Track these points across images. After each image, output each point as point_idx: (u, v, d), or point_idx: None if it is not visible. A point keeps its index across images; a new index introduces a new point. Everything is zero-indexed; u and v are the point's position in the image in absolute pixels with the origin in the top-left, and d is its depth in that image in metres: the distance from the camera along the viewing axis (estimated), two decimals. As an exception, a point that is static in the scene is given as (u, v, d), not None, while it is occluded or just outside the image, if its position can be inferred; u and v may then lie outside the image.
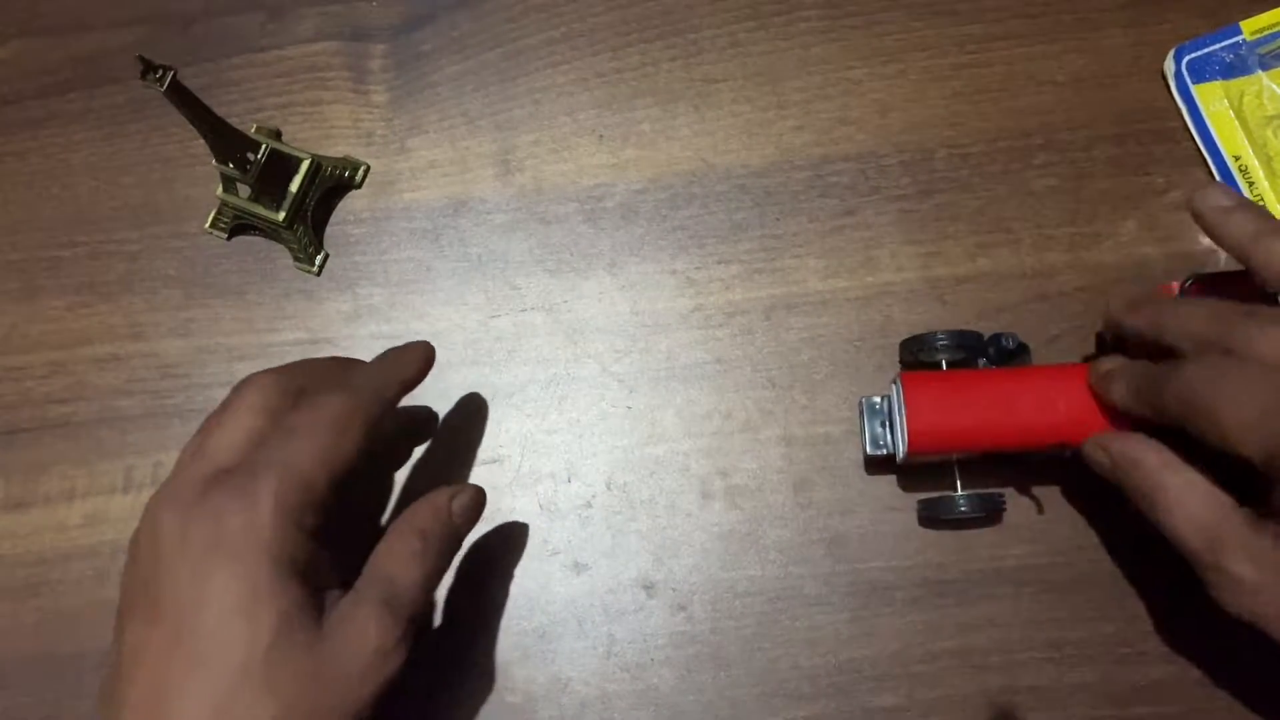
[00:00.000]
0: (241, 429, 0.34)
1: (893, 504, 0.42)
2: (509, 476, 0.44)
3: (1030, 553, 0.41)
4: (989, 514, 0.41)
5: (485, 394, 0.45)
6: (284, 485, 0.32)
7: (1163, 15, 0.47)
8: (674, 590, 0.42)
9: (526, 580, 0.43)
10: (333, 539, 0.34)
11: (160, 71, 0.37)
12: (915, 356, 0.42)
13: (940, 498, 0.41)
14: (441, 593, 0.42)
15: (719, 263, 0.45)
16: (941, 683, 0.41)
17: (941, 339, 0.41)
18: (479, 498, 0.38)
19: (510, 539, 0.43)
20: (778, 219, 0.46)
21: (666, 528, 0.43)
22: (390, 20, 0.49)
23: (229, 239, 0.47)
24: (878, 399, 0.41)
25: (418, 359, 0.39)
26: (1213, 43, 0.45)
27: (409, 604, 0.34)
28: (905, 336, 0.42)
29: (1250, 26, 0.45)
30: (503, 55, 0.48)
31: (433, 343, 0.44)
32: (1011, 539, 0.42)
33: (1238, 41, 0.45)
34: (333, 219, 0.47)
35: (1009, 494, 0.42)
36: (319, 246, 0.47)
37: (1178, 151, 0.45)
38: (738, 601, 0.42)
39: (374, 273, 0.46)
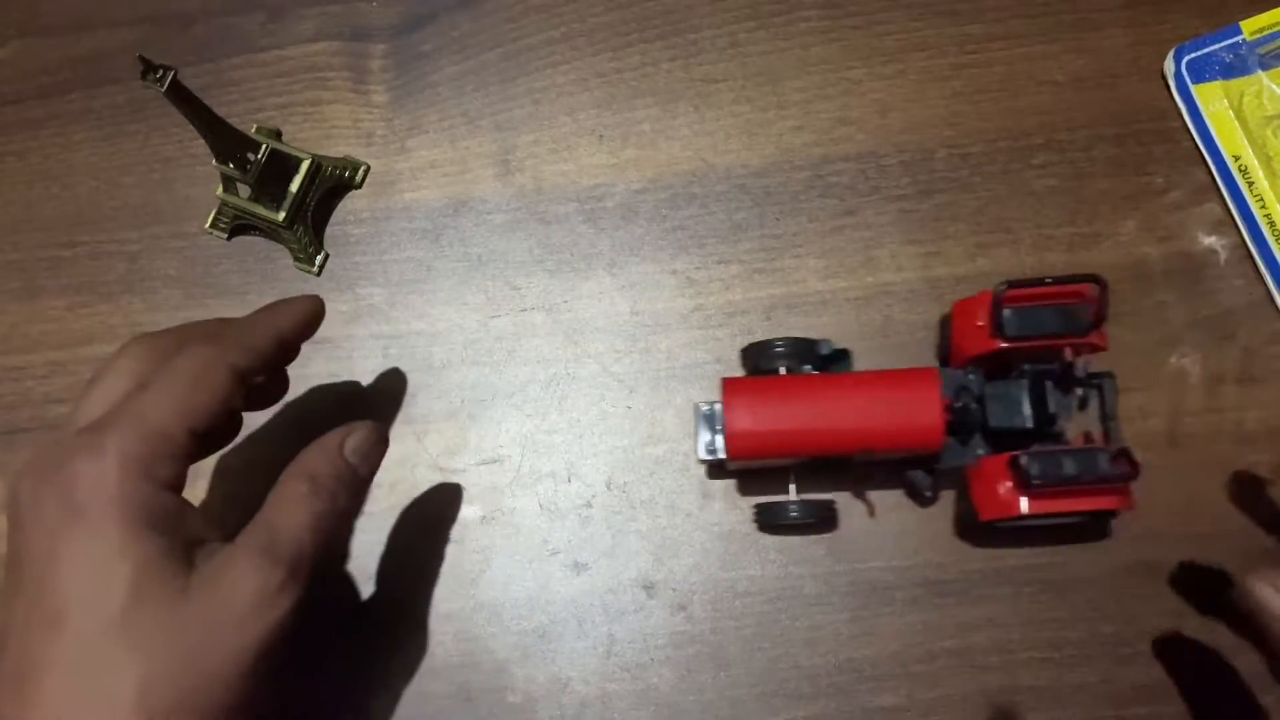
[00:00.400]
0: (104, 391, 0.34)
1: (893, 504, 0.42)
2: (509, 476, 0.44)
3: (1030, 552, 0.41)
4: (822, 520, 0.41)
5: (485, 394, 0.45)
6: (131, 438, 0.31)
7: (1163, 15, 0.47)
8: (674, 590, 0.42)
9: (526, 580, 0.43)
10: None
11: (160, 71, 0.37)
12: (755, 364, 0.42)
13: (773, 503, 0.41)
14: (441, 592, 0.42)
15: (719, 263, 0.45)
16: (941, 683, 0.41)
17: (779, 346, 0.41)
18: (374, 436, 0.36)
19: (510, 539, 0.43)
20: (778, 219, 0.46)
21: (666, 528, 0.43)
22: (390, 20, 0.49)
23: (229, 239, 0.47)
24: (707, 405, 0.41)
25: (296, 311, 0.38)
26: (1213, 43, 0.45)
27: (291, 549, 0.32)
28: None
29: (1250, 26, 0.45)
30: (503, 55, 0.48)
31: (433, 343, 0.45)
32: (1010, 539, 0.42)
33: (1238, 41, 0.45)
34: (333, 219, 0.47)
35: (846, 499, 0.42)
36: (319, 246, 0.47)
37: (1178, 151, 0.45)
38: (738, 601, 0.42)
39: (374, 273, 0.46)
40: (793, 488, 0.41)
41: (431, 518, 0.43)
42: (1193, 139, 0.45)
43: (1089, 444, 0.38)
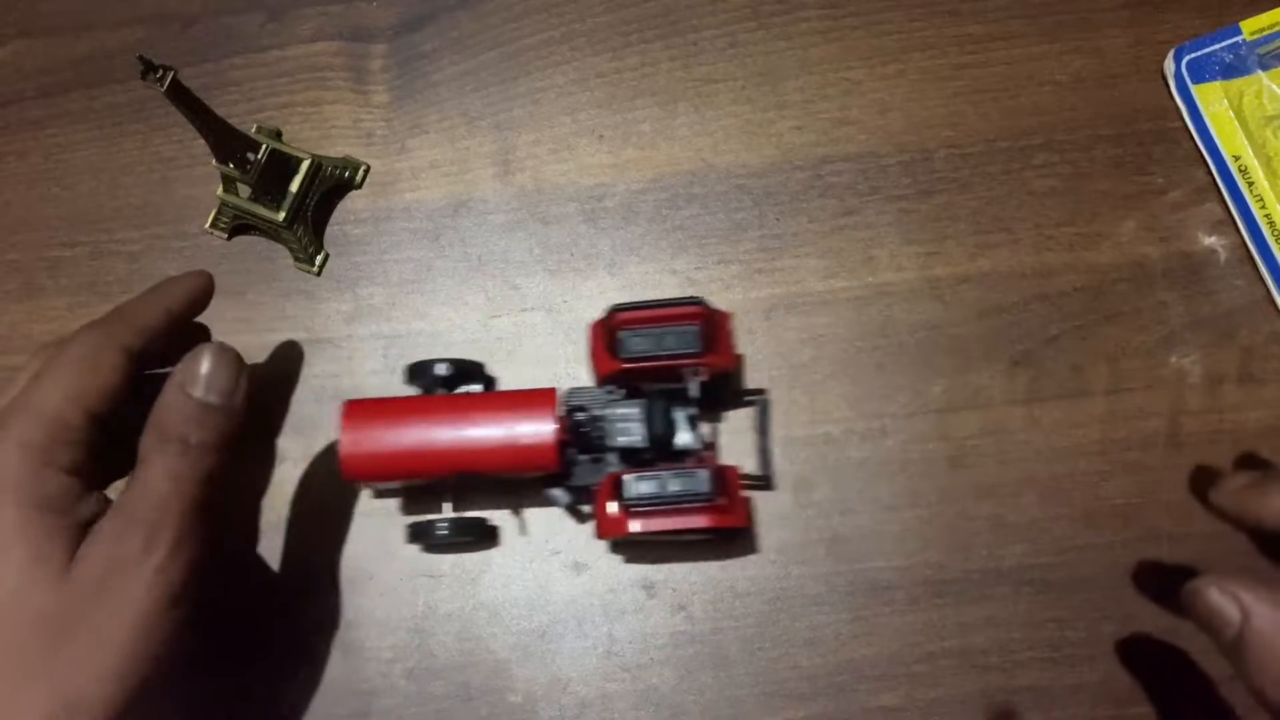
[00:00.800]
0: (11, 390, 0.35)
1: (892, 504, 0.42)
2: (509, 476, 0.44)
3: (1030, 552, 0.41)
4: (478, 538, 0.41)
5: (485, 394, 0.45)
6: (28, 426, 0.32)
7: (1163, 15, 0.47)
8: (674, 590, 0.42)
9: (526, 580, 0.43)
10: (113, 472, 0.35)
11: (160, 71, 0.37)
12: (415, 382, 0.42)
13: (426, 521, 0.41)
14: (441, 592, 0.42)
15: (719, 263, 0.45)
16: (941, 683, 0.41)
17: (440, 367, 0.41)
18: (218, 359, 0.35)
19: (510, 539, 0.43)
20: (778, 219, 0.46)
21: (666, 528, 0.43)
22: (390, 20, 0.49)
23: (229, 239, 0.47)
24: None
25: (184, 287, 0.39)
26: (1213, 43, 0.45)
27: (147, 509, 0.32)
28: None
29: (1250, 26, 0.45)
30: (503, 55, 0.48)
31: (433, 343, 0.45)
32: (1011, 539, 0.42)
33: (1238, 41, 0.45)
34: (333, 219, 0.47)
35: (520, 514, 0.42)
36: (319, 246, 0.47)
37: (1178, 151, 0.45)
38: (738, 601, 0.42)
39: (374, 273, 0.46)
40: (447, 506, 0.41)
41: (431, 518, 0.43)
42: (1193, 139, 0.45)
43: (702, 463, 0.39)
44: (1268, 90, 0.44)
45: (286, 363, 0.45)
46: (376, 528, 0.43)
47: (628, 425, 0.39)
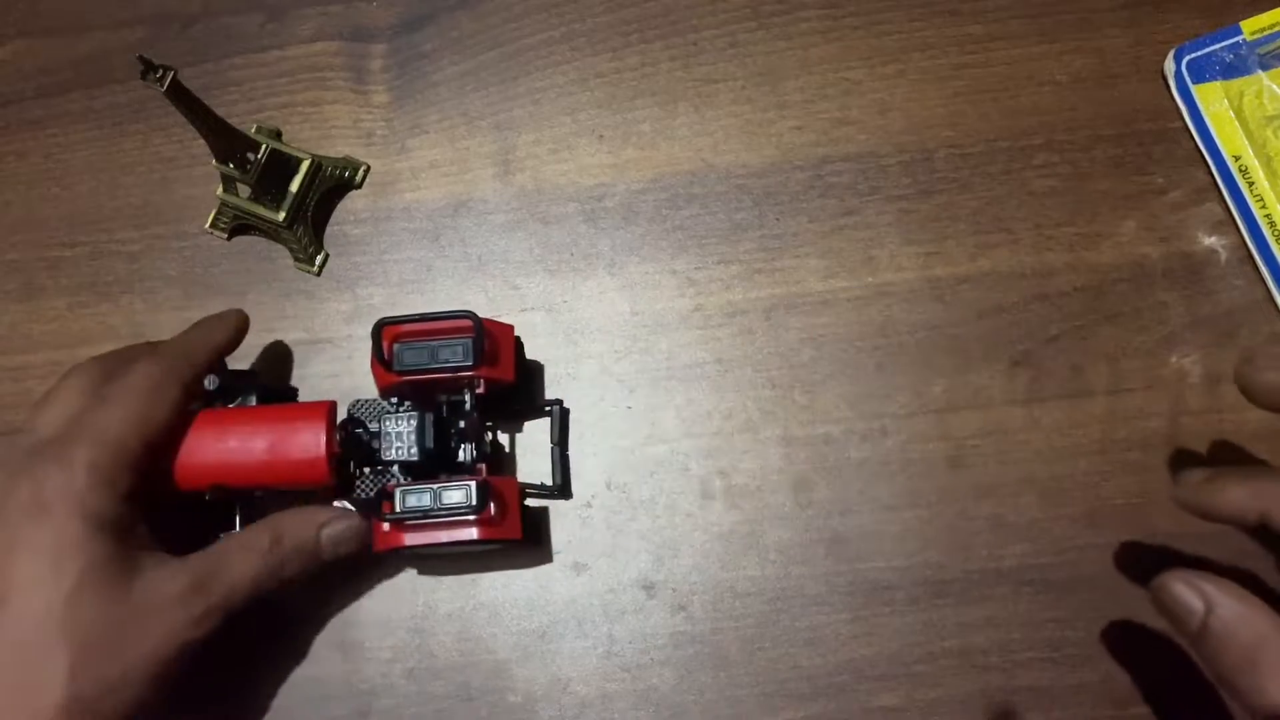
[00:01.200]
0: (62, 405, 0.37)
1: (892, 504, 0.42)
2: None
3: (1030, 552, 0.41)
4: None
5: (485, 394, 0.45)
6: (97, 449, 0.35)
7: (1163, 15, 0.47)
8: (674, 590, 0.42)
9: (526, 580, 0.43)
10: (157, 507, 0.37)
11: (160, 71, 0.37)
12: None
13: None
14: (441, 592, 0.42)
15: (719, 263, 0.45)
16: (941, 683, 0.41)
17: (207, 381, 0.40)
18: (356, 532, 0.39)
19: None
20: (778, 219, 0.46)
21: (666, 528, 0.43)
22: (390, 20, 0.49)
23: (229, 239, 0.47)
24: None
25: (228, 325, 0.41)
26: (1213, 43, 0.45)
27: (224, 592, 0.36)
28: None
29: (1250, 26, 0.45)
30: (503, 55, 0.48)
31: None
32: (1011, 539, 0.42)
33: (1238, 41, 0.45)
34: (333, 219, 0.47)
35: None
36: (319, 246, 0.47)
37: (1178, 151, 0.45)
38: (738, 601, 0.42)
39: (374, 273, 0.46)
40: (238, 519, 0.40)
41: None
42: (1193, 139, 0.45)
43: (471, 476, 0.39)
44: (1268, 90, 0.44)
45: (286, 362, 0.45)
46: (376, 528, 0.43)
47: (401, 439, 0.39)
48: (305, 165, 0.45)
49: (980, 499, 0.42)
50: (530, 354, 0.45)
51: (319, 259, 0.46)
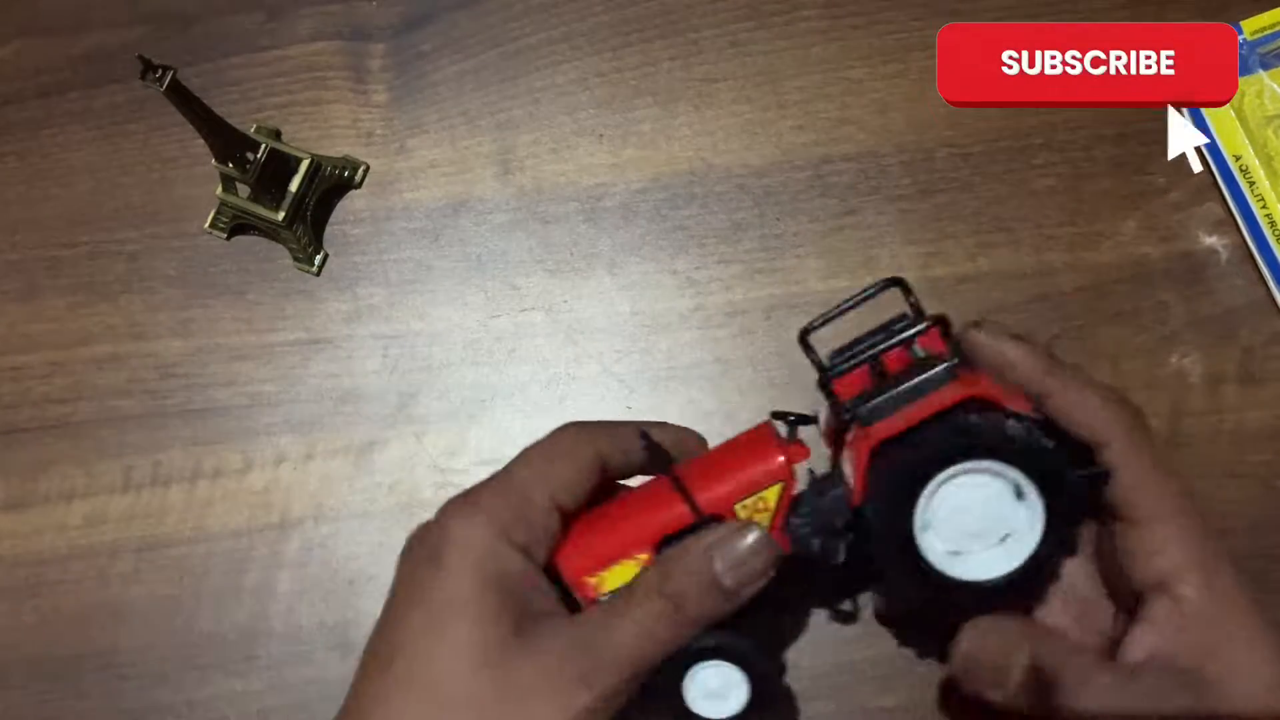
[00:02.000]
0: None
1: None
2: (509, 476, 0.44)
3: (1030, 553, 0.41)
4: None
5: (485, 394, 0.45)
6: (498, 502, 0.33)
7: (1162, 15, 0.46)
8: (674, 590, 0.42)
9: (526, 580, 0.43)
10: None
11: (160, 71, 0.37)
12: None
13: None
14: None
15: (719, 263, 0.45)
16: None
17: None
18: (757, 545, 0.32)
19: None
20: (778, 219, 0.46)
21: (666, 528, 0.43)
22: (390, 20, 0.49)
23: (229, 239, 0.47)
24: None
25: (673, 434, 0.37)
26: (1213, 43, 0.45)
27: (612, 679, 0.31)
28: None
29: (1250, 26, 0.45)
30: (503, 55, 0.48)
31: (433, 343, 0.45)
32: (1012, 539, 0.42)
33: (1238, 41, 0.45)
34: (333, 219, 0.47)
35: None
36: (319, 246, 0.47)
37: (1178, 151, 0.45)
38: (738, 601, 0.42)
39: (374, 273, 0.46)
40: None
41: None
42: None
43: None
44: (1269, 90, 0.44)
45: (285, 362, 0.45)
46: (377, 528, 0.43)
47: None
48: (305, 165, 0.45)
49: (980, 499, 0.42)
50: (530, 354, 0.45)
51: (318, 259, 0.46)
